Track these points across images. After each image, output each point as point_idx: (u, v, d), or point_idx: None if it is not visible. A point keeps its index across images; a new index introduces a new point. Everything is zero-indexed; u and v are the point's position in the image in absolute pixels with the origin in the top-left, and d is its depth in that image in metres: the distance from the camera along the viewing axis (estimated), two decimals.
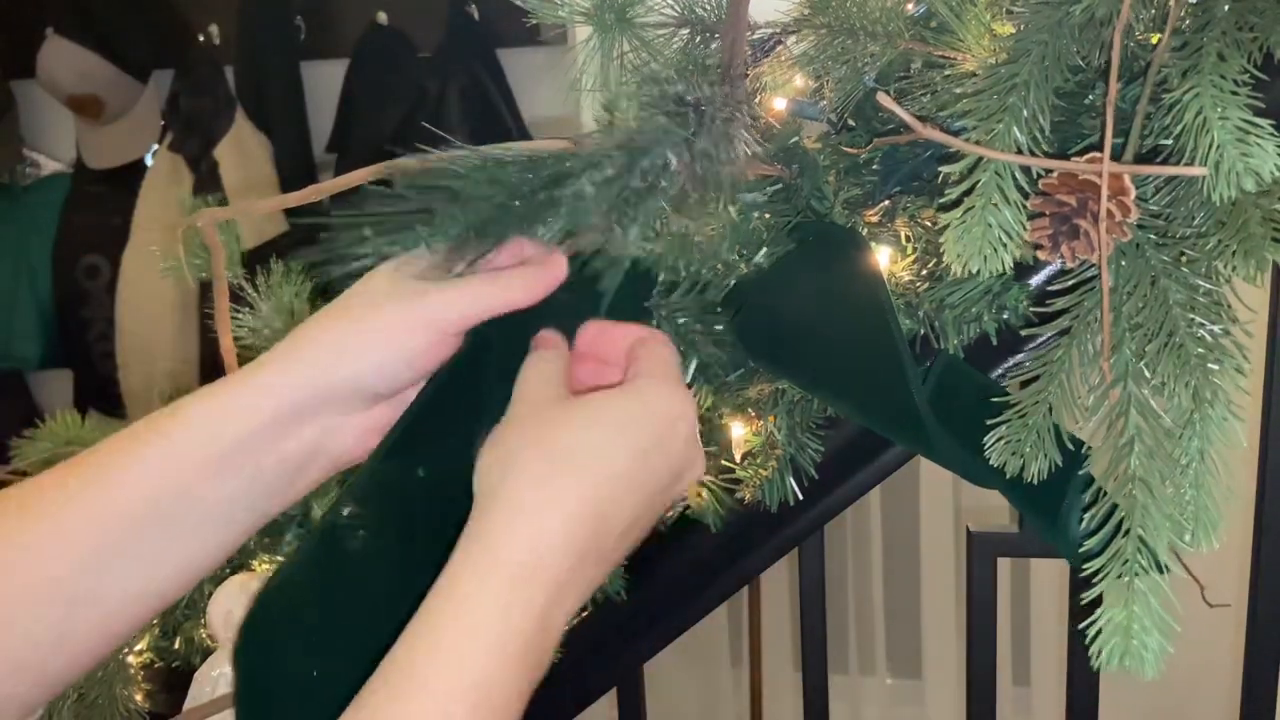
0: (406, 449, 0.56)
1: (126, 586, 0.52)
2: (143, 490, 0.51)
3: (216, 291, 0.75)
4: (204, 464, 0.52)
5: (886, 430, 0.64)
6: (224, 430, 0.52)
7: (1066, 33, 0.48)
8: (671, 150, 0.52)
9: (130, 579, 0.52)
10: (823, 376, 0.64)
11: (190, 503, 0.52)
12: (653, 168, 0.52)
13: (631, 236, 0.54)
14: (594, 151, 0.54)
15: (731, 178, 0.54)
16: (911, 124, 0.46)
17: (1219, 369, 0.44)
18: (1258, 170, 0.42)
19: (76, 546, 0.50)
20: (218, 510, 0.53)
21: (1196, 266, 0.47)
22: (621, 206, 0.53)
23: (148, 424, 0.53)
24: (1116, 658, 0.43)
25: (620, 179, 0.53)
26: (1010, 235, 0.44)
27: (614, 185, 0.53)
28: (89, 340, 2.46)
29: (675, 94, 0.53)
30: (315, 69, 2.37)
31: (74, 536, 0.50)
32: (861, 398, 0.62)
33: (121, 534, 0.51)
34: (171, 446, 0.52)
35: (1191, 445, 0.43)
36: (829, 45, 0.64)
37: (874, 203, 0.66)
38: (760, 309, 0.65)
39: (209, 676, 0.82)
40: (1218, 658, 1.35)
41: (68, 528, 0.51)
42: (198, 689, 0.82)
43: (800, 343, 0.65)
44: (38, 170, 2.54)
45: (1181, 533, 0.44)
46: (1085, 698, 0.90)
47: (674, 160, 0.52)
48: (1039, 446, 0.47)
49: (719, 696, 2.35)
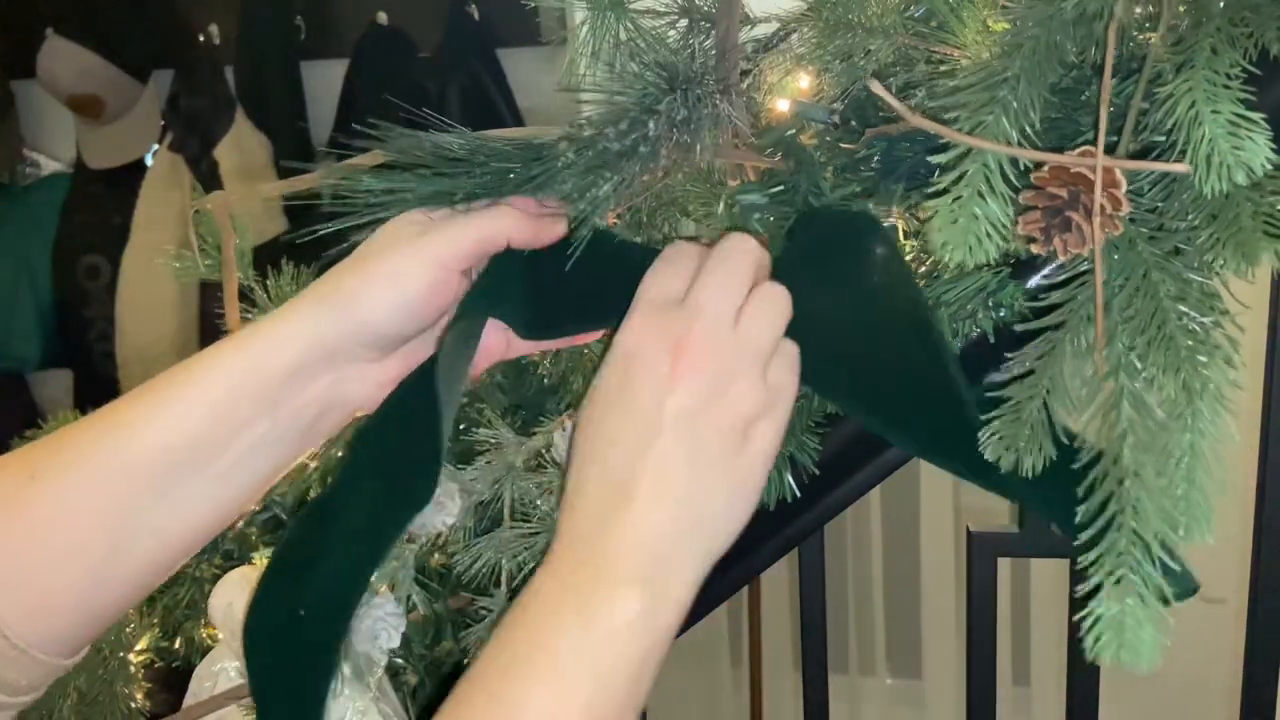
0: None
1: (165, 523, 0.54)
2: (178, 431, 0.54)
3: (225, 276, 0.76)
4: (233, 408, 0.54)
5: (932, 452, 0.59)
6: (245, 379, 0.54)
7: (1059, 28, 0.48)
8: (649, 115, 0.53)
9: (168, 518, 0.54)
10: (856, 389, 0.60)
11: (218, 447, 0.54)
12: (630, 130, 0.53)
13: (603, 194, 0.54)
14: (577, 121, 0.54)
15: (711, 147, 0.54)
16: (901, 112, 0.46)
17: (1209, 361, 0.44)
18: (1249, 164, 0.42)
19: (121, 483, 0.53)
20: (244, 455, 0.55)
21: (1188, 260, 0.47)
22: (598, 169, 0.54)
23: (178, 370, 0.56)
24: (1110, 651, 0.44)
25: (598, 141, 0.53)
26: (996, 227, 0.44)
27: (592, 148, 0.54)
28: (89, 340, 2.46)
29: (655, 61, 0.53)
30: (315, 69, 2.37)
31: (120, 474, 0.53)
32: (904, 413, 0.58)
33: (160, 473, 0.53)
34: (203, 390, 0.54)
35: (1183, 438, 0.43)
36: (827, 41, 0.65)
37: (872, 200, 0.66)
38: None
39: (209, 672, 0.82)
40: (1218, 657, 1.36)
41: (114, 464, 0.53)
42: (198, 685, 0.83)
43: (827, 351, 0.60)
44: (38, 170, 2.54)
45: (1175, 526, 0.44)
46: (1085, 698, 0.90)
47: (651, 125, 0.53)
48: (1034, 440, 0.47)
49: (719, 696, 2.35)
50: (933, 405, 0.56)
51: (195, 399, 0.54)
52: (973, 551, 0.89)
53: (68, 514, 0.52)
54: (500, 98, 2.23)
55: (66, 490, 0.52)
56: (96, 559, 0.53)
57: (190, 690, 0.83)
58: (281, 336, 0.55)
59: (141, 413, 0.54)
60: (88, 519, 0.52)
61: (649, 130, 0.53)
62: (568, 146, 0.54)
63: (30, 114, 2.55)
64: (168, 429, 0.54)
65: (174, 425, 0.54)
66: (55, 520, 0.52)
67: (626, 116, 0.53)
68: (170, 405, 0.54)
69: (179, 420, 0.54)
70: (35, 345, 2.53)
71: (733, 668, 2.36)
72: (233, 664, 0.81)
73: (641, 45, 0.58)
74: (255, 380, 0.54)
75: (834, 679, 0.98)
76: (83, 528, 0.52)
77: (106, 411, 0.55)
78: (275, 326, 0.56)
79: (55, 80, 2.29)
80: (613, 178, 0.54)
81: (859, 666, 2.34)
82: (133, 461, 0.53)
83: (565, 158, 0.54)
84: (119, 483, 0.53)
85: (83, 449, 0.54)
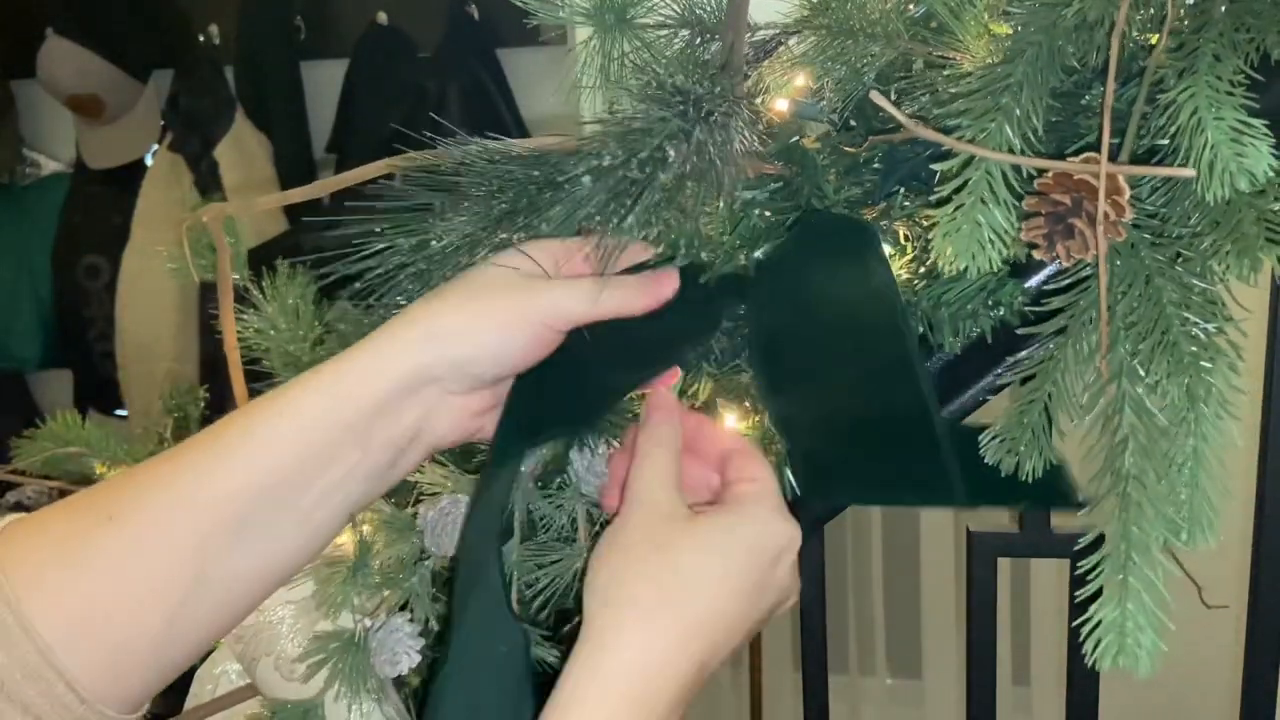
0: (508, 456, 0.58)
1: (246, 564, 0.52)
2: (266, 464, 0.52)
3: (221, 290, 0.75)
4: (326, 437, 0.53)
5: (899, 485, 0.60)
6: (341, 406, 0.53)
7: (1061, 34, 0.48)
8: (668, 141, 0.53)
9: (249, 557, 0.52)
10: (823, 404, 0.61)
11: (308, 479, 0.53)
12: (650, 159, 0.53)
13: (626, 226, 0.54)
14: (592, 143, 0.54)
15: (730, 172, 0.54)
16: (905, 123, 0.46)
17: (1212, 367, 0.44)
18: (1252, 170, 0.42)
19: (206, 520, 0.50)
20: (331, 489, 0.53)
21: (1191, 266, 0.47)
22: (619, 197, 0.54)
23: (264, 402, 0.54)
24: (1110, 656, 0.44)
25: (617, 169, 0.53)
26: (999, 234, 0.44)
27: (611, 176, 0.53)
28: (89, 340, 2.46)
29: (672, 85, 0.53)
30: (315, 69, 2.37)
31: (205, 510, 0.51)
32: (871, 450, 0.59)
33: (246, 508, 0.51)
34: (293, 420, 0.53)
35: (1186, 444, 0.44)
36: (829, 46, 0.65)
37: (874, 202, 0.66)
38: (765, 319, 0.64)
39: (211, 674, 0.83)
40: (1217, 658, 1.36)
41: (199, 499, 0.51)
42: (200, 687, 0.83)
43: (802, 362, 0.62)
44: (38, 170, 2.54)
45: (1177, 532, 0.44)
46: (1085, 698, 0.90)
47: (671, 152, 0.53)
48: (1034, 445, 0.47)
49: (719, 696, 2.35)
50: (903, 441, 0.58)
51: (285, 429, 0.52)
52: (973, 551, 0.89)
53: (148, 555, 0.50)
54: (500, 98, 2.23)
55: (146, 529, 0.50)
56: (174, 603, 0.50)
57: (191, 693, 0.83)
58: (376, 367, 0.54)
59: (228, 446, 0.52)
60: (167, 558, 0.50)
61: (668, 155, 0.53)
62: (584, 169, 0.54)
63: (30, 114, 2.55)
64: (255, 460, 0.52)
65: (262, 456, 0.52)
66: (134, 561, 0.49)
67: (642, 142, 0.53)
68: (257, 436, 0.52)
69: (268, 450, 0.52)
70: (35, 345, 2.53)
71: (733, 668, 2.35)
72: (234, 666, 0.81)
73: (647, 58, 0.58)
74: (350, 408, 0.53)
75: (834, 679, 0.98)
76: (161, 569, 0.50)
77: (188, 445, 0.53)
78: (369, 356, 0.54)
79: (55, 80, 2.28)
80: (635, 209, 0.54)
81: (859, 666, 2.34)
82: (219, 495, 0.51)
83: (581, 181, 0.54)
84: (202, 519, 0.50)
85: (164, 485, 0.51)
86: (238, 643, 0.74)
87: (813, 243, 0.63)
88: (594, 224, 0.56)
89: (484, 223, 0.56)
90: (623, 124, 0.54)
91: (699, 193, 0.55)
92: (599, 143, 0.54)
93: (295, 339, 0.81)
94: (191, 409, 1.17)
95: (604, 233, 0.56)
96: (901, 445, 0.57)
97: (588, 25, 0.62)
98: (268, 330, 0.81)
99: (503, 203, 0.55)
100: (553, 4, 0.66)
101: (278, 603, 0.73)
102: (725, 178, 0.54)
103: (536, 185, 0.55)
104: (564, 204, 0.55)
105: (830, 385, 0.61)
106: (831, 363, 0.61)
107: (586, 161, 0.54)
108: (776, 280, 0.63)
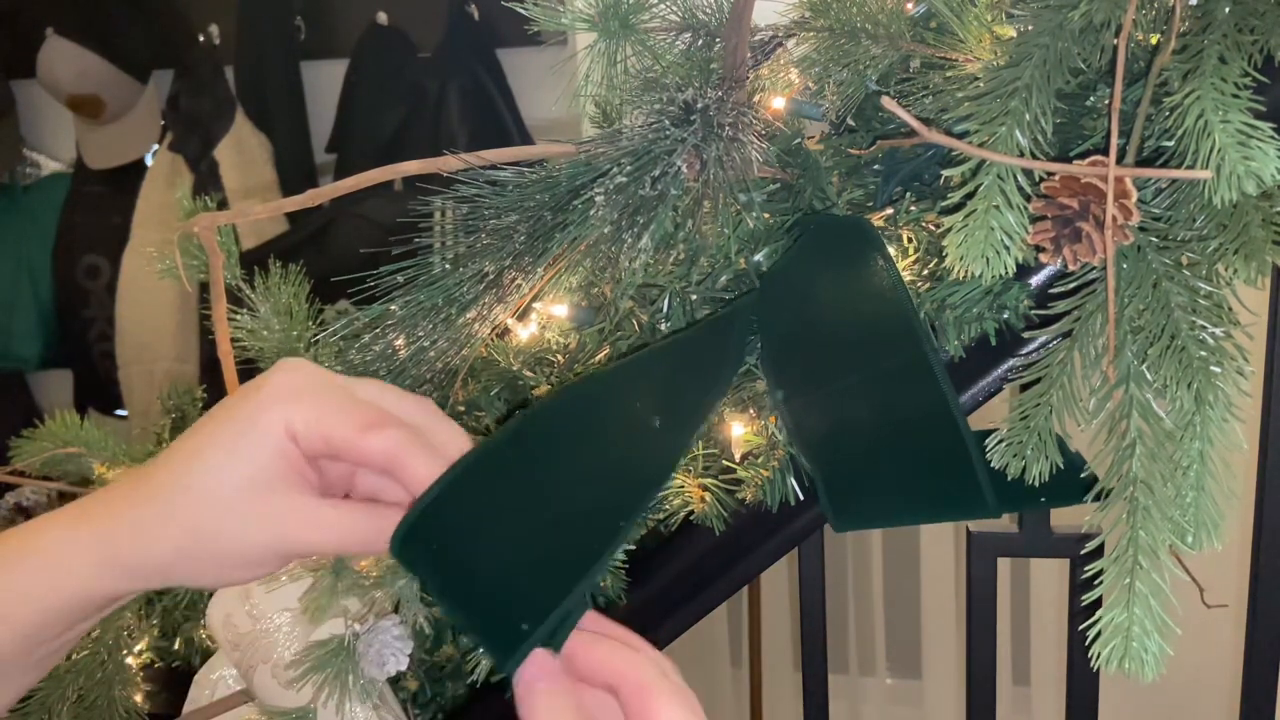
0: None
1: None
2: None
3: (214, 296, 0.74)
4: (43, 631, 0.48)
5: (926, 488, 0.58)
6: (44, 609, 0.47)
7: (1067, 36, 0.47)
8: (681, 158, 0.52)
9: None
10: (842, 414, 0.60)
11: None
12: (663, 175, 0.52)
13: (642, 244, 0.53)
14: (604, 160, 0.54)
15: (739, 182, 0.54)
16: (916, 127, 0.46)
17: (1221, 371, 0.44)
18: (1259, 173, 0.42)
19: None
20: (45, 659, 0.49)
21: (1198, 269, 0.47)
22: (632, 215, 0.53)
23: None
24: (1116, 660, 0.43)
25: (631, 187, 0.53)
26: (1012, 238, 0.44)
27: (625, 194, 0.53)
28: (89, 340, 2.46)
29: (684, 101, 0.53)
30: (315, 69, 2.37)
31: None
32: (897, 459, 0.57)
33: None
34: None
35: (1193, 447, 0.43)
36: (830, 47, 0.64)
37: (876, 204, 0.66)
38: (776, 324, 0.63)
39: (208, 679, 0.82)
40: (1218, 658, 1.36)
41: None
42: (197, 691, 0.82)
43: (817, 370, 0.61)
44: (38, 170, 2.54)
45: (1183, 535, 0.44)
46: (1085, 698, 0.90)
47: (684, 168, 0.52)
48: (1040, 449, 0.47)
49: (719, 696, 2.35)
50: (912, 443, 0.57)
51: None
52: (973, 551, 0.89)
53: None
54: (500, 98, 2.23)
55: None
56: None
57: (189, 697, 0.83)
58: (35, 591, 0.47)
59: None
60: None
61: (680, 171, 0.52)
62: (598, 188, 0.54)
63: (30, 114, 2.55)
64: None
65: None
66: None
67: (651, 156, 0.52)
68: None
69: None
70: (35, 345, 2.53)
71: (733, 668, 2.36)
72: (231, 671, 0.81)
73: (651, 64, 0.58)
74: (16, 629, 0.47)
75: (834, 679, 0.98)
76: None
77: None
78: (28, 575, 0.47)
79: (55, 80, 2.28)
80: (650, 226, 0.53)
81: (859, 666, 2.34)
82: None
83: (594, 200, 0.53)
84: None
85: None
86: (235, 650, 0.74)
87: (818, 247, 0.62)
88: (607, 245, 0.54)
89: (504, 257, 0.55)
90: (634, 141, 0.53)
91: (714, 205, 0.54)
92: (611, 160, 0.53)
93: (289, 339, 0.81)
94: (189, 409, 1.17)
95: (618, 255, 0.54)
96: (931, 457, 0.55)
97: (591, 32, 0.62)
98: (261, 331, 0.81)
99: (520, 234, 0.54)
100: (555, 11, 0.65)
101: (275, 610, 0.72)
102: (736, 188, 0.54)
103: (550, 210, 0.54)
104: (575, 224, 0.54)
105: (850, 395, 0.60)
106: (849, 369, 0.59)
107: (600, 181, 0.53)
108: (787, 290, 0.62)
